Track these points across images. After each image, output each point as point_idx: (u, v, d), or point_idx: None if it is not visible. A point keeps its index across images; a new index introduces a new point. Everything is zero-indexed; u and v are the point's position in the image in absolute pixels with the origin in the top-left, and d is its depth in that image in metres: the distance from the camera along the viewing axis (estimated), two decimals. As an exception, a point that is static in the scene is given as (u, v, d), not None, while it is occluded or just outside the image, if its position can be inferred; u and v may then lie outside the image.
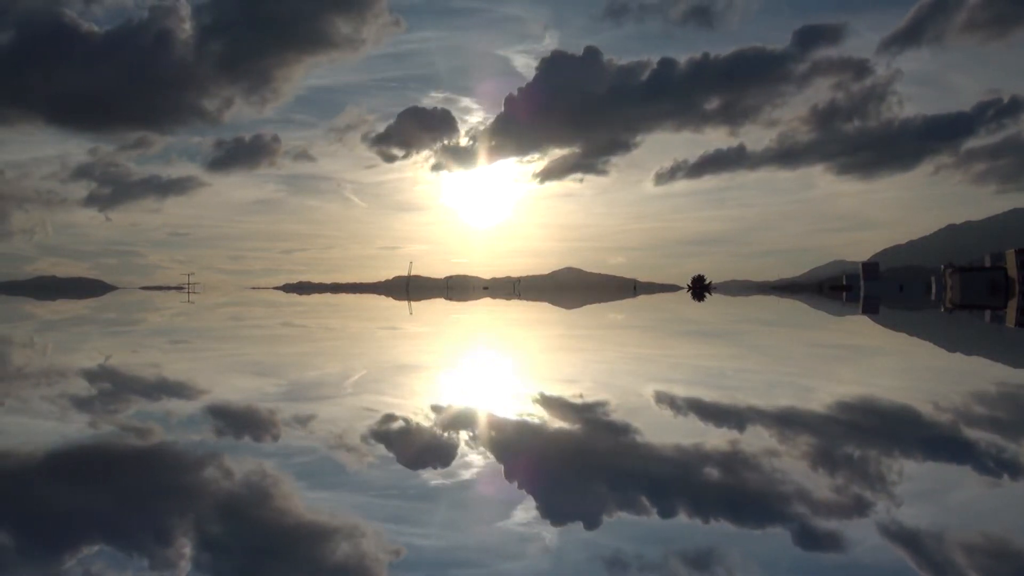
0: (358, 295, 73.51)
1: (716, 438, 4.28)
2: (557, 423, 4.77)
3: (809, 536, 2.67)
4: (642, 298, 51.80)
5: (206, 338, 13.09)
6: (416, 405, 5.45)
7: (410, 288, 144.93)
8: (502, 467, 3.68)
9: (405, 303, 38.90)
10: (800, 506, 3.00)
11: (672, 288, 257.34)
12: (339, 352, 10.14)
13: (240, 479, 3.47)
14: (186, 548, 2.59)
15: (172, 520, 2.89)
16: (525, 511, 2.98)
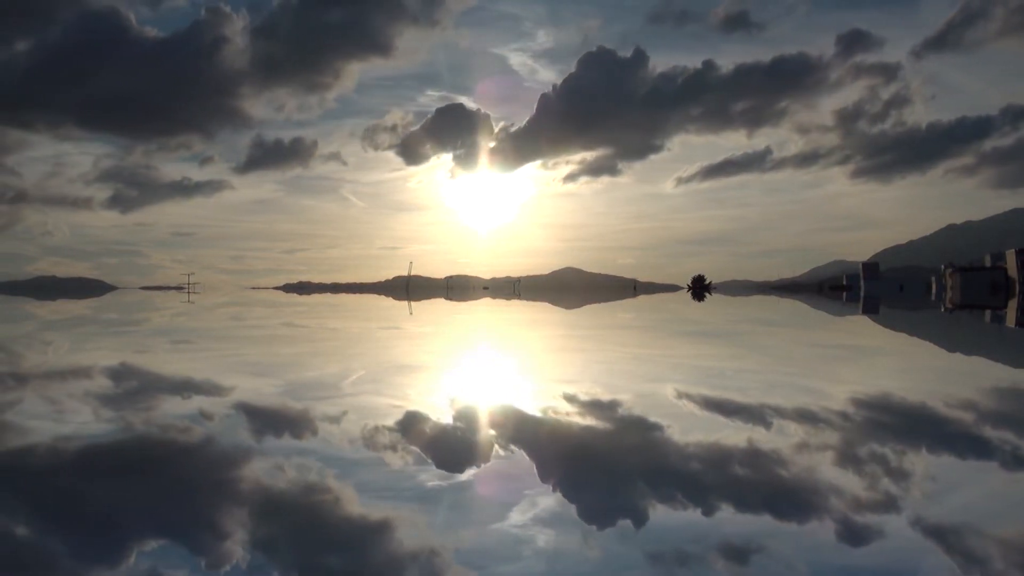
0: (358, 295, 73.50)
1: (716, 438, 4.27)
2: (557, 423, 4.77)
3: (811, 537, 2.67)
4: (642, 298, 51.80)
5: (206, 338, 13.09)
6: (416, 405, 5.44)
7: (410, 288, 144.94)
8: (504, 466, 3.68)
9: (405, 303, 38.91)
10: (800, 506, 3.01)
11: (672, 288, 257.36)
12: (340, 352, 10.14)
13: (241, 478, 3.47)
14: (187, 546, 2.60)
15: (173, 520, 2.89)
16: (522, 512, 2.98)
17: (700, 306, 32.34)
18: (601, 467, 3.74)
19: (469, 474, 3.55)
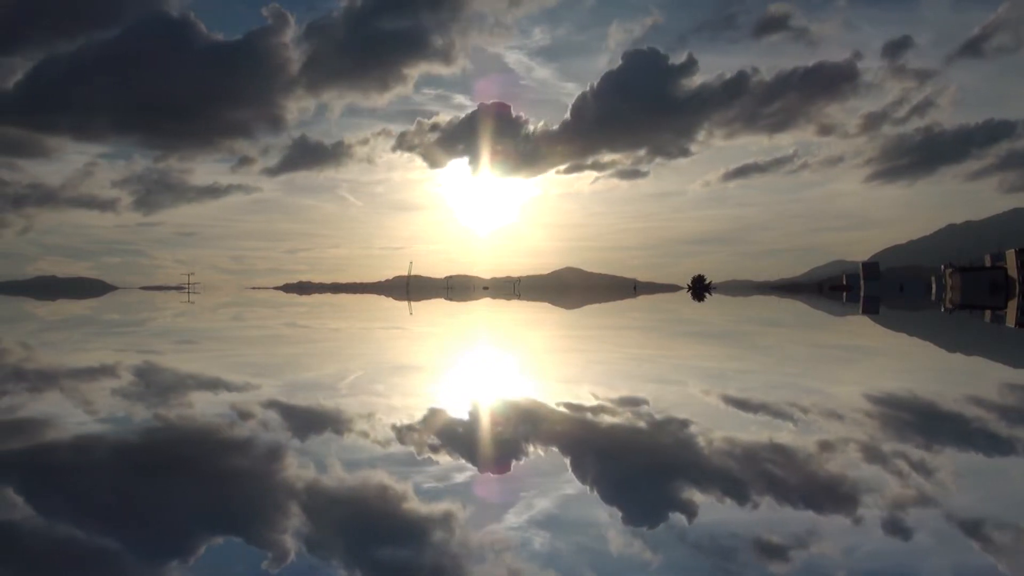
0: (358, 295, 73.50)
1: (715, 437, 4.27)
2: (558, 422, 4.77)
3: (814, 537, 2.67)
4: (642, 298, 51.80)
5: (205, 339, 13.09)
6: (415, 404, 5.44)
7: (410, 288, 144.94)
8: (504, 465, 3.69)
9: (405, 303, 38.91)
10: (800, 505, 3.01)
11: (672, 288, 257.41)
12: (341, 352, 10.14)
13: (244, 478, 3.47)
14: (196, 549, 2.60)
15: (176, 519, 2.89)
16: (517, 514, 2.98)
17: (700, 306, 32.34)
18: (600, 467, 3.74)
19: (468, 474, 3.55)
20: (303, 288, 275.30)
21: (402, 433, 4.46)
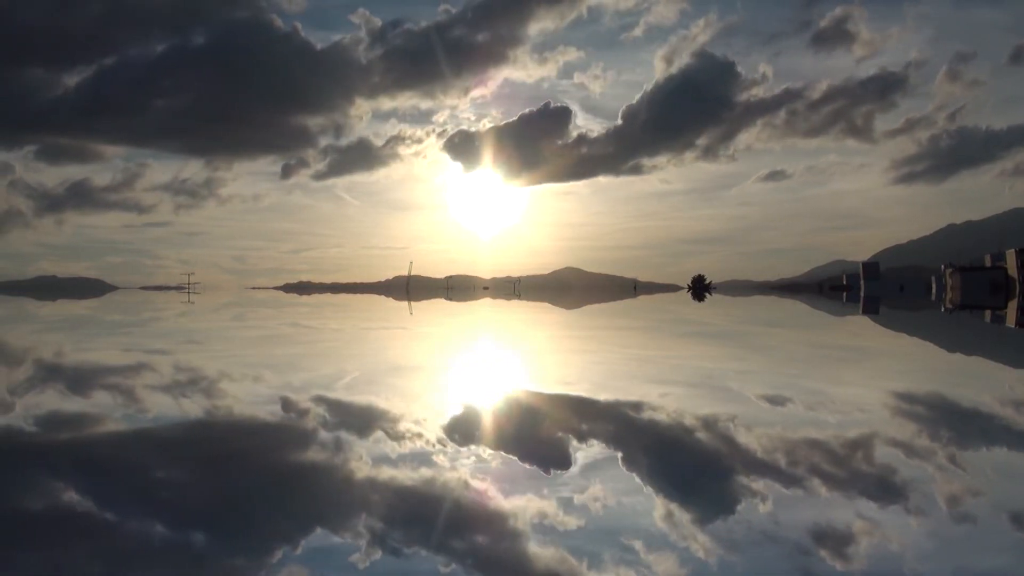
0: (358, 295, 73.50)
1: (715, 436, 4.28)
2: (558, 422, 4.78)
3: (812, 537, 2.68)
4: (642, 298, 51.80)
5: (205, 339, 13.09)
6: (416, 403, 5.45)
7: (410, 288, 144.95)
8: (505, 465, 3.69)
9: (405, 303, 38.91)
10: (802, 504, 3.01)
11: (672, 288, 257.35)
12: (342, 352, 10.14)
13: (247, 477, 3.48)
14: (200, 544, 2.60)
15: (180, 519, 2.89)
16: (521, 511, 2.98)
17: (700, 306, 32.34)
18: (601, 466, 3.74)
19: (470, 473, 3.55)
20: (303, 288, 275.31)
21: (402, 433, 4.47)
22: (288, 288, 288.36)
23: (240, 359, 9.14)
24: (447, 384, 7.04)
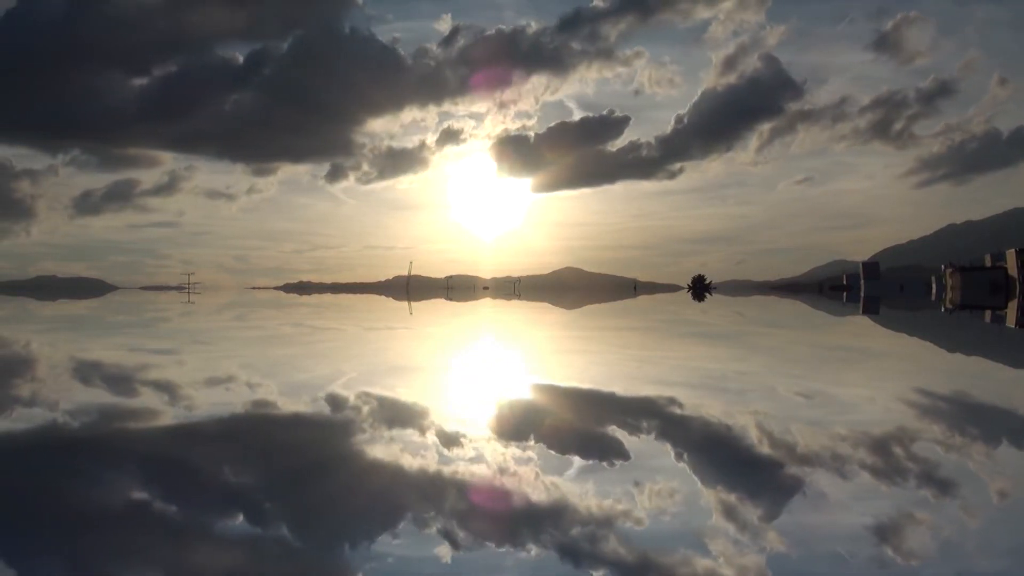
0: (358, 295, 73.51)
1: (715, 436, 4.28)
2: (558, 422, 4.78)
3: (812, 536, 2.68)
4: (642, 298, 51.80)
5: (206, 340, 13.09)
6: (415, 404, 5.45)
7: (410, 288, 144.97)
8: (507, 465, 3.69)
9: (405, 303, 38.92)
10: (802, 504, 3.01)
11: (672, 288, 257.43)
12: (343, 352, 10.14)
13: (248, 477, 3.48)
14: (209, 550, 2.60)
15: (185, 519, 2.89)
16: (517, 513, 2.98)
17: (700, 306, 32.34)
18: (602, 466, 3.74)
19: (470, 472, 3.55)
20: (303, 288, 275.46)
21: (402, 433, 4.46)
22: (288, 288, 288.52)
23: (240, 359, 9.14)
24: (447, 384, 7.04)
